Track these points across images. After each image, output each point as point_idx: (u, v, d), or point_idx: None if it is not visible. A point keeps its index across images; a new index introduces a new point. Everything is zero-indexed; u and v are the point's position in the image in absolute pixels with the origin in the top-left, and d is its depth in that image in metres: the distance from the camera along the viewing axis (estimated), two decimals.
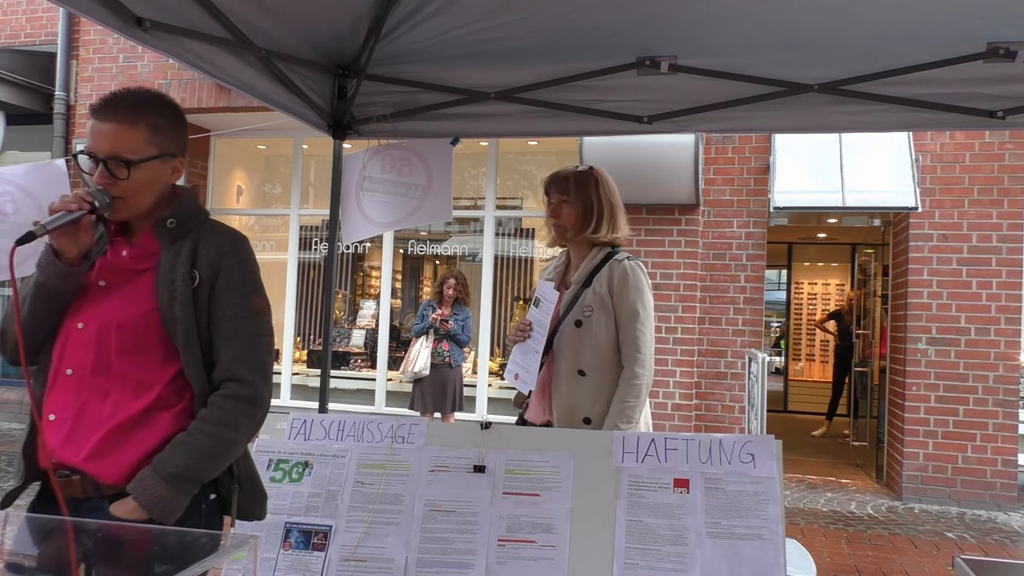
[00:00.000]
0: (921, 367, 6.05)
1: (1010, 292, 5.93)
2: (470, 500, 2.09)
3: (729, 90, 2.59)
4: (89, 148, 1.56)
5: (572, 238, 2.49)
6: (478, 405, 7.40)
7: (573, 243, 2.53)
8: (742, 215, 6.63)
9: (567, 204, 2.45)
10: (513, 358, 2.49)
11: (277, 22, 2.34)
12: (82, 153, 1.59)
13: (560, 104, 2.73)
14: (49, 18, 8.59)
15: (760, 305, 6.58)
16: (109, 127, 1.54)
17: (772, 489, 2.00)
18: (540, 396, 2.52)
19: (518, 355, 2.47)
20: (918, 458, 6.03)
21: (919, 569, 4.45)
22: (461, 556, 2.02)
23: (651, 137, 4.37)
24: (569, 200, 2.45)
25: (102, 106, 1.55)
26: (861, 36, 2.30)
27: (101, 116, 1.55)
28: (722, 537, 1.96)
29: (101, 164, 1.56)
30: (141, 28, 1.89)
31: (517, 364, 2.46)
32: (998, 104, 2.49)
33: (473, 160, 7.83)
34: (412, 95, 2.83)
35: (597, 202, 2.45)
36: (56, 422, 1.58)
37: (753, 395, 4.09)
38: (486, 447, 2.17)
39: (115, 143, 1.55)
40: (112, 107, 1.55)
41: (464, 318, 6.21)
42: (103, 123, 1.55)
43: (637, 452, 2.11)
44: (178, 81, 7.70)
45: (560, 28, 2.41)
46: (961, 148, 6.07)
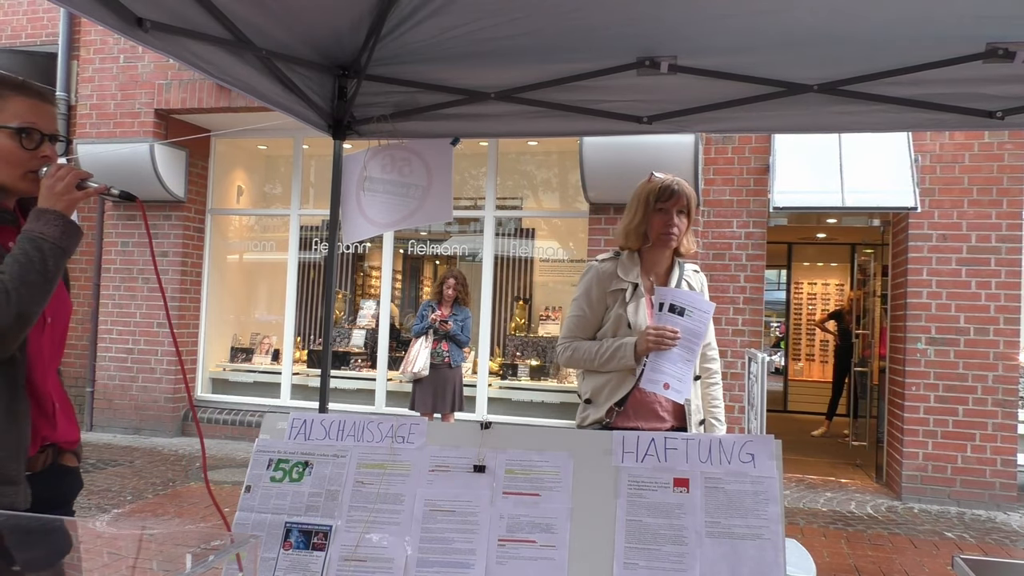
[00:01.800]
0: (921, 367, 6.05)
1: (1009, 292, 5.93)
2: (470, 500, 2.09)
3: (729, 90, 2.59)
4: (42, 126, 1.64)
5: (670, 247, 2.54)
6: (478, 405, 7.41)
7: (659, 251, 2.54)
8: (742, 215, 6.63)
9: (682, 216, 2.50)
10: (655, 367, 2.39)
11: (277, 22, 2.34)
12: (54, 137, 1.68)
13: (560, 104, 2.73)
14: (50, 19, 8.60)
15: (760, 305, 6.58)
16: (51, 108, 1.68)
17: (772, 489, 2.00)
18: (649, 403, 2.48)
19: (663, 364, 2.40)
20: (918, 458, 6.03)
21: (919, 569, 4.45)
22: (461, 556, 2.02)
23: (651, 137, 4.38)
24: (684, 214, 2.51)
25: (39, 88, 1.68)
26: (861, 36, 2.31)
27: (47, 98, 1.67)
28: (722, 537, 1.97)
29: (49, 140, 1.65)
30: (141, 28, 1.89)
31: (665, 373, 2.39)
32: (997, 104, 2.49)
33: (473, 160, 7.83)
34: (412, 95, 2.83)
35: (692, 218, 2.55)
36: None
37: (753, 395, 4.10)
38: (486, 447, 2.18)
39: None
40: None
41: (464, 318, 6.21)
42: (50, 104, 1.68)
43: (637, 452, 2.11)
44: (178, 81, 7.71)
45: (560, 28, 2.41)
46: (961, 148, 6.08)
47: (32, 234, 1.50)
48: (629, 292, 2.48)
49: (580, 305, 2.54)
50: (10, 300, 1.43)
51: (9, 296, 1.43)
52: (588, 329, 2.53)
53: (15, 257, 1.47)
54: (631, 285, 2.48)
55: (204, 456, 1.80)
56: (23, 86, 1.64)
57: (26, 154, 1.60)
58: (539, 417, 7.26)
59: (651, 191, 2.47)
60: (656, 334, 2.37)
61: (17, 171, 1.60)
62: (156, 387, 7.82)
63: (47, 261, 1.49)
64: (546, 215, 7.90)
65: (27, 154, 1.60)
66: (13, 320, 1.44)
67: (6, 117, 1.59)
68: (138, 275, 7.95)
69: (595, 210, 6.76)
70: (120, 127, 7.89)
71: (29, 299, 1.46)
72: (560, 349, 2.57)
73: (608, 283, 2.49)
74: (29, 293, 1.46)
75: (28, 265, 1.47)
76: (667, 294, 2.49)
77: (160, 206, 7.89)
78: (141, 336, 7.90)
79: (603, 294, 2.49)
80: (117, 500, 5.33)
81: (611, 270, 2.51)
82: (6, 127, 1.58)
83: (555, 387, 7.40)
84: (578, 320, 2.54)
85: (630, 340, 2.41)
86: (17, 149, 1.59)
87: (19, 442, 1.58)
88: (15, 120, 1.59)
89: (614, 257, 2.55)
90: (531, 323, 7.83)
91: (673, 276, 2.60)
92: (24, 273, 1.46)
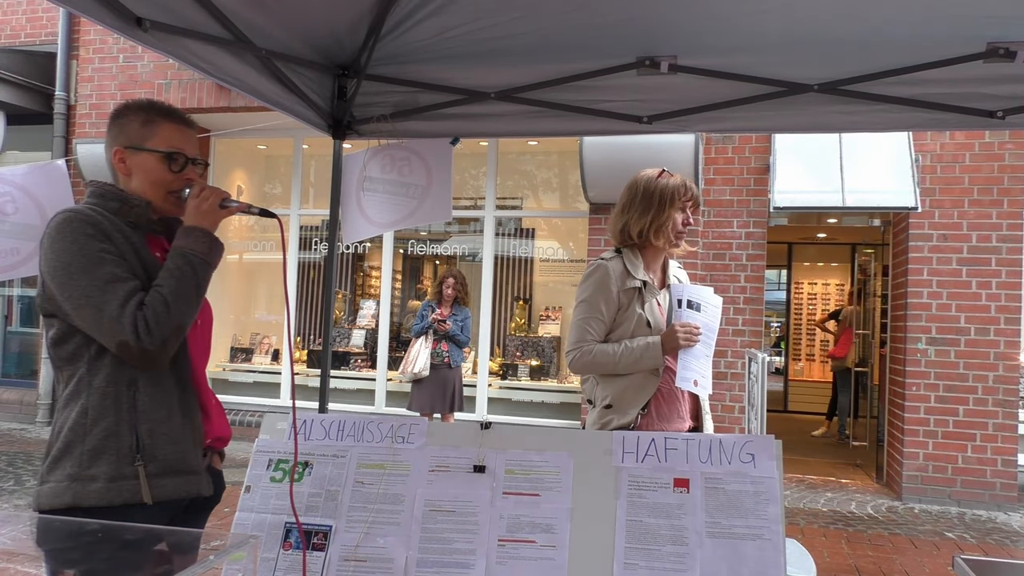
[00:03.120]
0: (921, 367, 6.05)
1: (1010, 292, 5.93)
2: (470, 500, 2.09)
3: (729, 90, 2.59)
4: (187, 151, 1.77)
5: (681, 245, 2.51)
6: (478, 405, 7.40)
7: (662, 249, 2.51)
8: (742, 215, 6.63)
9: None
10: (685, 364, 2.37)
11: (277, 22, 2.34)
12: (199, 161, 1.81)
13: (560, 104, 2.73)
14: (49, 18, 8.59)
15: (760, 305, 6.58)
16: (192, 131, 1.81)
17: (772, 489, 2.00)
18: (674, 403, 2.45)
19: (691, 360, 2.37)
20: (918, 458, 6.03)
21: (919, 569, 4.45)
22: (461, 556, 2.02)
23: (651, 137, 4.38)
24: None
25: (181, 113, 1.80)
26: (861, 36, 2.30)
27: (191, 124, 1.81)
28: (722, 537, 1.96)
29: (192, 163, 1.78)
30: (141, 28, 1.89)
31: (693, 370, 2.37)
32: (998, 104, 2.49)
33: (473, 160, 7.83)
34: (412, 95, 2.83)
35: None
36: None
37: (753, 395, 4.09)
38: (486, 447, 2.18)
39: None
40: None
41: (463, 318, 6.20)
42: (193, 129, 1.81)
43: (637, 452, 2.11)
44: (178, 81, 7.70)
45: (560, 28, 2.41)
46: (961, 148, 6.08)
47: (183, 250, 1.64)
48: (642, 290, 2.43)
49: (594, 306, 2.41)
50: (170, 312, 1.57)
51: (168, 308, 1.57)
52: (602, 331, 2.42)
53: (170, 272, 1.61)
54: (641, 283, 2.44)
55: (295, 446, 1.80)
56: (171, 113, 1.76)
57: (171, 176, 1.73)
58: (539, 417, 7.26)
59: (676, 189, 2.43)
60: (685, 331, 2.35)
61: (162, 191, 1.73)
62: None
63: (198, 274, 1.64)
64: (546, 215, 7.89)
65: (172, 176, 1.73)
66: (172, 330, 1.58)
67: (157, 142, 1.72)
68: None
69: (595, 210, 6.76)
70: None
71: (185, 310, 1.61)
72: (576, 355, 2.42)
73: (623, 281, 2.42)
74: (185, 304, 1.60)
75: (182, 279, 1.61)
76: (684, 290, 2.46)
77: None
78: None
79: (618, 292, 2.41)
80: None
81: (621, 268, 2.44)
82: (157, 151, 1.71)
83: (555, 387, 7.40)
84: (592, 322, 2.41)
85: (656, 339, 2.35)
86: (165, 171, 1.72)
87: (195, 434, 1.73)
88: (165, 145, 1.72)
89: (618, 255, 2.49)
90: (531, 323, 7.83)
91: (669, 273, 2.59)
92: (179, 286, 1.60)
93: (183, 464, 1.67)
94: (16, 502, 5.14)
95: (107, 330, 1.53)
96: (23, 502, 5.15)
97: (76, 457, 1.56)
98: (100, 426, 1.58)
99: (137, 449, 1.59)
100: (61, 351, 1.61)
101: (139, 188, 1.72)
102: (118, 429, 1.58)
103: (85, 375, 1.59)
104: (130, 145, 1.71)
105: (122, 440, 1.58)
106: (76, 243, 1.55)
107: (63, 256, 1.55)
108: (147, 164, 1.71)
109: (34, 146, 8.59)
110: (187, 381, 1.72)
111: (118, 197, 1.68)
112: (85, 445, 1.56)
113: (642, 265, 2.48)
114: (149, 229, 1.73)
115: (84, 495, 1.53)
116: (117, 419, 1.59)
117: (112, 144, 1.73)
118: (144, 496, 1.58)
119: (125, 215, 1.67)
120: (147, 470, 1.59)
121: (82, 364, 1.60)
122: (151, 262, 1.66)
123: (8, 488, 5.49)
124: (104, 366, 1.59)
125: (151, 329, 1.54)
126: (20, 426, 8.14)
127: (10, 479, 5.77)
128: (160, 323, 1.55)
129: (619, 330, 2.42)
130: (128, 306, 1.54)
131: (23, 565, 1.26)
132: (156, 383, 1.64)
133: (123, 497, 1.55)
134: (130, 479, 1.57)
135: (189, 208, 1.69)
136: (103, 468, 1.56)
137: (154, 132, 1.71)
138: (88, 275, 1.54)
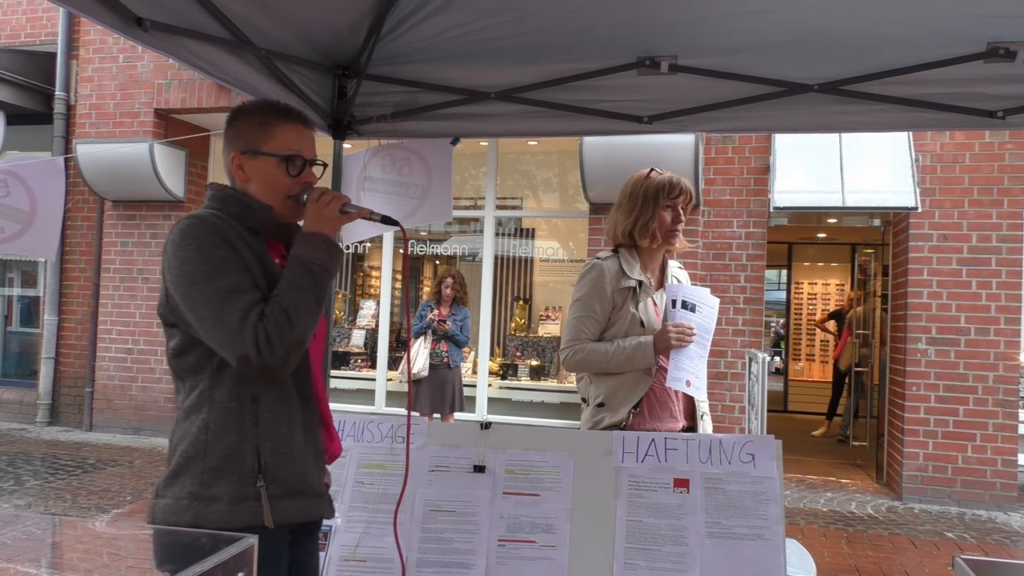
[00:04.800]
0: (921, 367, 6.05)
1: (1010, 292, 5.93)
2: (470, 500, 2.09)
3: (729, 90, 2.58)
4: (305, 153, 1.68)
5: (674, 244, 2.50)
6: (478, 405, 7.40)
7: (659, 248, 2.50)
8: (742, 215, 6.63)
9: (684, 212, 2.47)
10: (677, 364, 2.37)
11: (277, 22, 2.34)
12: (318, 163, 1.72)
13: (560, 104, 2.73)
14: (49, 18, 8.59)
15: (760, 305, 6.58)
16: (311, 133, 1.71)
17: (772, 489, 2.00)
18: (666, 402, 2.44)
19: (683, 361, 2.37)
20: (918, 458, 6.03)
21: (919, 569, 4.45)
22: (461, 556, 2.02)
23: (651, 137, 4.37)
24: (684, 210, 2.48)
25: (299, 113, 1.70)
26: (861, 36, 2.30)
27: (309, 124, 1.71)
28: (722, 537, 1.96)
29: (310, 165, 1.69)
30: (141, 28, 1.89)
31: (685, 370, 2.37)
32: (998, 104, 2.49)
33: (473, 160, 7.83)
34: (412, 95, 2.83)
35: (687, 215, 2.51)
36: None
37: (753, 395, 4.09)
38: (486, 447, 2.18)
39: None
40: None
41: (463, 318, 6.19)
42: (311, 129, 1.71)
43: (637, 452, 2.11)
44: (178, 81, 7.70)
45: (560, 28, 2.41)
46: (961, 148, 6.07)
47: (302, 258, 1.55)
48: (637, 290, 2.43)
49: (588, 305, 2.42)
50: (291, 324, 1.49)
51: (290, 320, 1.49)
52: (596, 329, 2.42)
53: (290, 282, 1.53)
54: (637, 283, 2.43)
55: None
56: (288, 113, 1.67)
57: (289, 180, 1.64)
58: (539, 417, 7.26)
59: (660, 187, 2.42)
60: (678, 332, 2.34)
61: (280, 196, 1.64)
62: (156, 387, 7.81)
63: (319, 284, 1.55)
64: (546, 215, 7.89)
65: (290, 180, 1.64)
66: (294, 342, 1.49)
67: (274, 146, 1.63)
68: (138, 275, 7.95)
69: (595, 210, 6.76)
70: (119, 127, 7.89)
71: (306, 321, 1.52)
72: (569, 353, 2.43)
73: (617, 280, 2.42)
74: (307, 315, 1.52)
75: (302, 289, 1.52)
76: (679, 291, 2.46)
77: (159, 206, 7.88)
78: (141, 336, 7.89)
79: (613, 291, 2.41)
80: (117, 500, 5.33)
81: (617, 267, 2.44)
82: (274, 155, 1.62)
83: (555, 387, 7.39)
84: (587, 321, 2.42)
85: (648, 339, 2.35)
86: (283, 176, 1.63)
87: (316, 454, 1.64)
88: (282, 148, 1.63)
89: (614, 255, 2.49)
90: (531, 323, 7.82)
91: (668, 273, 2.58)
92: (299, 297, 1.51)
93: (305, 485, 1.58)
94: (16, 502, 5.14)
95: (227, 343, 1.47)
96: (23, 502, 5.15)
97: (197, 475, 1.49)
98: (222, 443, 1.50)
99: (259, 469, 1.51)
100: (182, 362, 1.55)
101: (258, 193, 1.63)
102: (240, 448, 1.51)
103: (207, 388, 1.53)
104: (247, 150, 1.63)
105: (244, 459, 1.51)
106: (200, 251, 1.49)
107: (187, 265, 1.49)
108: (265, 169, 1.63)
109: (34, 146, 8.59)
110: (309, 396, 1.63)
111: (239, 201, 1.61)
112: (206, 463, 1.49)
113: (638, 265, 2.47)
114: (270, 234, 1.65)
115: (206, 516, 1.47)
116: (239, 437, 1.51)
117: (229, 149, 1.65)
118: (266, 519, 1.50)
119: (246, 220, 1.59)
120: (269, 491, 1.51)
121: (204, 377, 1.53)
122: (273, 269, 1.58)
123: (8, 488, 5.49)
124: (227, 379, 1.52)
125: (272, 343, 1.46)
126: (20, 426, 8.14)
127: (10, 479, 5.77)
128: (282, 336, 1.47)
129: (613, 329, 2.42)
130: (249, 319, 1.46)
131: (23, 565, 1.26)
132: (279, 399, 1.56)
133: (245, 520, 1.48)
134: (252, 501, 1.50)
135: (309, 213, 1.61)
136: (225, 488, 1.49)
137: (271, 135, 1.63)
138: (211, 285, 1.47)
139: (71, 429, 8.06)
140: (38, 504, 5.13)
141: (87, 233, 8.28)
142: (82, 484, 5.73)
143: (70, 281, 8.34)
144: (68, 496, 5.37)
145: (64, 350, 8.34)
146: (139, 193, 7.72)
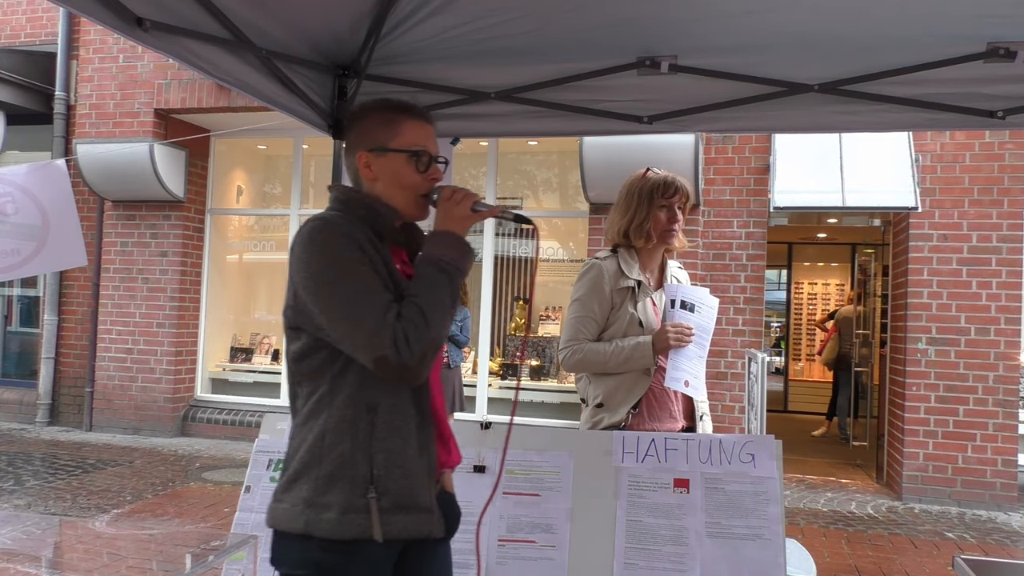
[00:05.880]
0: (921, 367, 6.05)
1: (1010, 292, 5.93)
2: (470, 500, 2.08)
3: (729, 90, 2.59)
4: (430, 148, 1.63)
5: (672, 243, 2.50)
6: (478, 405, 7.40)
7: (657, 248, 2.50)
8: (742, 215, 6.63)
9: (681, 212, 2.47)
10: (675, 365, 2.37)
11: (277, 22, 2.34)
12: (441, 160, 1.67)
13: (560, 104, 2.73)
14: (49, 18, 8.59)
15: (760, 305, 6.58)
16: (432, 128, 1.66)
17: (772, 489, 2.00)
18: (666, 402, 2.43)
19: (681, 361, 2.37)
20: (918, 458, 6.03)
21: (919, 569, 4.45)
22: (461, 556, 2.02)
23: (651, 137, 4.37)
24: (682, 210, 2.47)
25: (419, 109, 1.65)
26: (861, 36, 2.30)
27: (430, 119, 1.65)
28: (722, 537, 1.96)
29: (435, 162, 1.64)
30: (141, 28, 1.89)
31: (683, 371, 2.36)
32: (998, 104, 2.49)
33: (473, 160, 7.83)
34: (412, 95, 2.82)
35: (686, 214, 2.50)
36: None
37: (753, 395, 4.09)
38: (486, 447, 2.18)
39: None
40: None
41: (462, 318, 6.20)
42: (432, 124, 1.65)
43: (637, 452, 2.11)
44: (178, 81, 7.71)
45: (560, 28, 2.41)
46: (961, 148, 6.07)
47: (435, 257, 1.52)
48: (635, 290, 2.43)
49: (586, 305, 2.43)
50: (428, 324, 1.45)
51: (426, 319, 1.45)
52: (595, 330, 2.43)
53: (424, 281, 1.50)
54: (635, 283, 2.44)
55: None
56: (410, 109, 1.63)
57: (418, 176, 1.60)
58: (539, 417, 7.26)
59: (654, 187, 2.42)
60: (676, 332, 2.34)
61: (412, 195, 1.61)
62: (155, 387, 7.82)
63: (452, 283, 1.53)
64: (546, 215, 7.89)
65: (419, 177, 1.60)
66: (430, 343, 1.46)
67: (402, 142, 1.59)
68: (137, 275, 7.95)
69: (595, 210, 6.76)
70: (119, 127, 7.89)
71: (441, 321, 1.49)
72: (567, 353, 2.44)
73: (616, 280, 2.42)
74: (441, 316, 1.49)
75: (436, 288, 1.49)
76: (678, 291, 2.45)
77: (160, 206, 7.89)
78: (140, 336, 7.90)
79: (611, 291, 2.41)
80: (117, 500, 5.33)
81: (615, 267, 2.44)
82: (403, 151, 1.58)
83: (555, 387, 7.40)
84: (585, 321, 2.43)
85: (646, 339, 2.35)
86: (412, 172, 1.59)
87: (429, 468, 1.58)
88: (410, 144, 1.59)
89: (613, 255, 2.49)
90: (530, 323, 7.82)
91: (667, 273, 2.58)
92: (434, 297, 1.48)
93: (414, 500, 1.52)
94: (16, 502, 5.14)
95: (365, 344, 1.42)
96: (23, 502, 5.15)
97: (312, 481, 1.47)
98: (336, 451, 1.47)
99: (370, 480, 1.47)
100: (303, 366, 1.52)
101: (386, 193, 1.59)
102: (353, 457, 1.47)
103: (327, 394, 1.49)
104: (374, 147, 1.59)
105: (357, 468, 1.47)
106: (330, 252, 1.45)
107: (317, 266, 1.45)
108: (393, 166, 1.58)
109: (34, 146, 8.59)
110: (426, 410, 1.58)
111: (364, 204, 1.57)
112: (321, 470, 1.47)
113: (637, 265, 2.47)
114: (393, 240, 1.60)
115: (316, 524, 1.44)
116: (353, 445, 1.47)
117: (354, 149, 1.61)
118: (375, 532, 1.45)
119: (372, 223, 1.55)
120: (379, 504, 1.47)
121: (324, 381, 1.50)
122: (397, 276, 1.53)
123: (8, 488, 5.49)
124: (346, 385, 1.49)
125: (410, 343, 1.42)
126: (20, 426, 8.14)
127: (10, 479, 5.77)
128: (420, 336, 1.43)
129: (611, 329, 2.42)
130: (387, 318, 1.42)
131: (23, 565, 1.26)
132: (396, 409, 1.51)
133: (353, 531, 1.44)
134: (361, 512, 1.45)
135: (440, 212, 1.57)
136: (336, 497, 1.45)
137: (397, 131, 1.59)
138: (344, 286, 1.44)
139: (71, 429, 8.06)
140: (38, 504, 5.13)
141: (87, 233, 8.26)
142: (82, 484, 5.73)
143: (70, 281, 8.34)
144: (68, 496, 5.37)
145: (64, 350, 8.34)
146: (139, 193, 7.73)
